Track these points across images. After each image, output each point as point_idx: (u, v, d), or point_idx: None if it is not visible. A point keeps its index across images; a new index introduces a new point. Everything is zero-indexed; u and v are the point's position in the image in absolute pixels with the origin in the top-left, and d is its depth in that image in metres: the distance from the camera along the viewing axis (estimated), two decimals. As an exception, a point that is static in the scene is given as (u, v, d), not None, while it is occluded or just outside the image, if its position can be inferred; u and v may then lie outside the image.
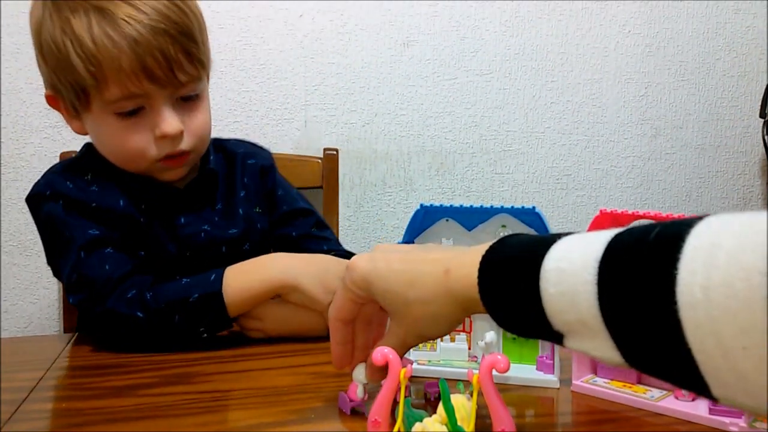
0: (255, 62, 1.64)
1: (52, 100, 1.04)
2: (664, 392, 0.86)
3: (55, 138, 1.56)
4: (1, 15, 1.52)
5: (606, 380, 0.90)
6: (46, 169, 1.55)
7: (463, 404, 0.71)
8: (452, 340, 0.97)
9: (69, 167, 1.08)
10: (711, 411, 0.80)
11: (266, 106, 1.66)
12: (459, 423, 0.68)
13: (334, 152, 1.63)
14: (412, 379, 0.89)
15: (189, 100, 1.02)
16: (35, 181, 1.57)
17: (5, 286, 1.58)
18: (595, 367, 0.92)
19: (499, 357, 0.67)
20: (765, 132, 1.84)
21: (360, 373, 0.80)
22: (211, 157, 1.14)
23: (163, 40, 0.94)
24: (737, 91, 1.91)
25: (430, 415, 0.70)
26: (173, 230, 1.08)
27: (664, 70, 1.87)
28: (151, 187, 1.07)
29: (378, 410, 0.71)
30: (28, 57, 1.53)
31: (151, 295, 0.95)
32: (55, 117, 1.56)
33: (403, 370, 0.71)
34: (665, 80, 1.87)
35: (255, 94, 1.65)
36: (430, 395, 0.86)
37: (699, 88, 1.89)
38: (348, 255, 1.23)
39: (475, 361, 0.94)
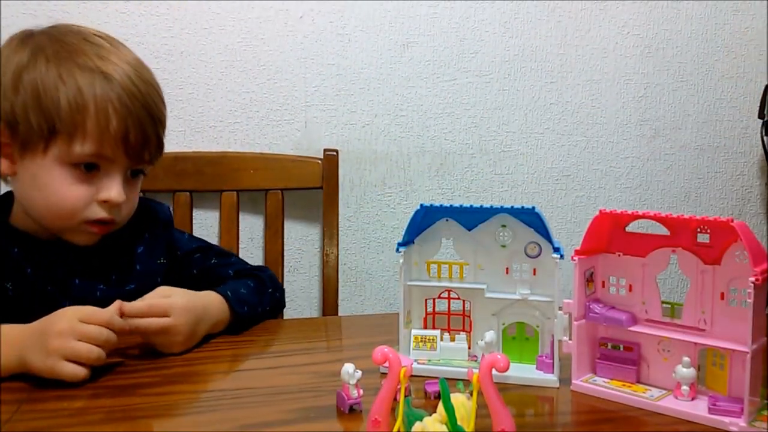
0: (255, 63, 1.64)
1: None
2: (664, 392, 0.87)
3: (56, 139, 1.56)
4: (1, 17, 1.52)
5: (605, 380, 0.90)
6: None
7: (462, 403, 0.71)
8: (452, 339, 0.97)
9: None
10: (710, 410, 0.81)
11: (266, 107, 1.66)
12: (459, 422, 0.68)
13: (334, 153, 1.63)
14: (412, 378, 0.89)
15: (135, 175, 1.07)
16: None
17: (5, 287, 1.58)
18: (595, 366, 0.92)
19: (498, 356, 0.67)
20: (763, 133, 1.84)
21: (346, 372, 0.81)
22: None
23: (147, 120, 1.02)
24: (736, 92, 1.91)
25: (430, 415, 0.70)
26: (68, 289, 1.06)
27: (663, 71, 1.87)
28: (50, 247, 1.06)
29: (378, 409, 0.71)
30: (28, 58, 1.54)
31: None
32: (56, 118, 1.56)
33: (402, 369, 0.71)
34: (664, 81, 1.87)
35: (255, 95, 1.65)
36: (429, 395, 0.87)
37: (698, 89, 1.89)
38: (256, 268, 1.28)
39: (475, 361, 0.95)
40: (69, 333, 0.89)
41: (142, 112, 1.01)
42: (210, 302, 1.07)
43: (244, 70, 1.64)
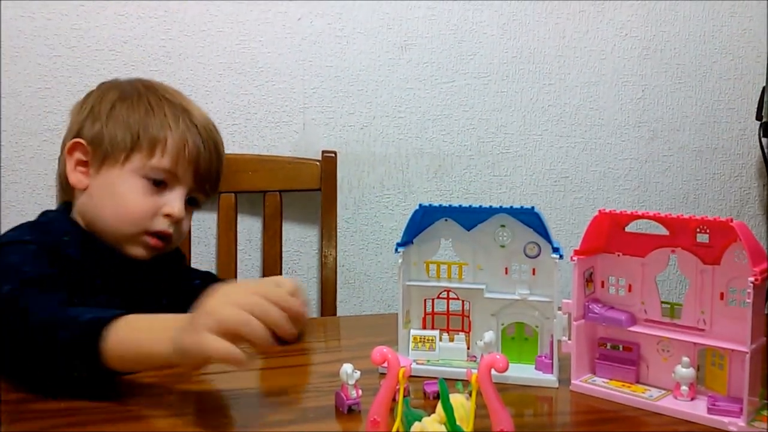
0: (253, 65, 1.64)
1: (76, 147, 1.15)
2: (663, 392, 0.87)
3: (54, 141, 1.56)
4: (1, 18, 1.52)
5: (605, 380, 0.90)
6: (45, 172, 1.56)
7: (462, 404, 0.71)
8: (451, 340, 0.97)
9: (36, 227, 1.12)
10: (710, 410, 0.81)
11: (264, 109, 1.66)
12: (458, 422, 0.68)
13: (333, 155, 1.63)
14: (411, 378, 0.89)
15: (191, 204, 1.18)
16: (34, 184, 1.57)
17: (4, 289, 1.58)
18: (594, 366, 0.92)
19: (497, 357, 0.67)
20: (761, 134, 1.84)
21: (344, 372, 0.81)
22: None
23: (215, 155, 1.18)
24: (734, 94, 1.92)
25: (429, 415, 0.70)
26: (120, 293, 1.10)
27: (661, 73, 1.87)
28: (110, 252, 1.12)
29: (377, 410, 0.71)
30: (27, 60, 1.54)
31: (61, 310, 0.88)
32: (55, 120, 1.56)
33: (401, 370, 0.71)
34: (662, 83, 1.87)
35: (253, 97, 1.65)
36: (428, 395, 0.86)
37: (696, 90, 1.90)
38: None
39: (474, 361, 0.95)
40: (220, 305, 0.79)
41: (212, 146, 1.18)
42: None
43: (242, 72, 1.64)
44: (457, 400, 0.71)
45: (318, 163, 1.62)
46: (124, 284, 1.11)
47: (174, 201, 1.12)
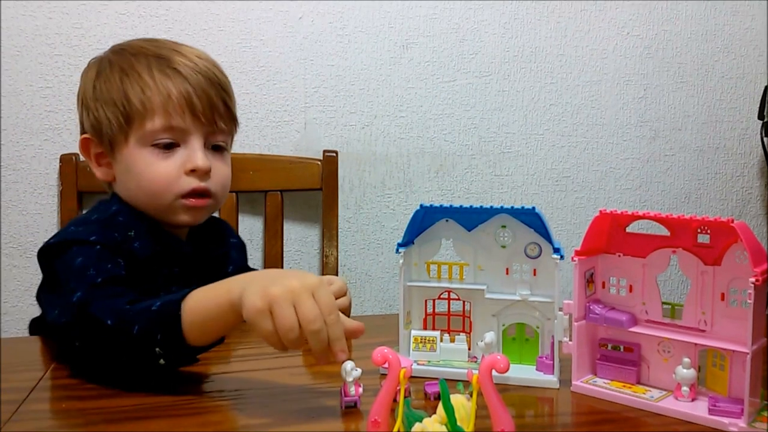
0: (255, 64, 1.64)
1: (86, 144, 1.11)
2: (664, 392, 0.87)
3: (55, 140, 1.56)
4: (2, 18, 1.52)
5: (606, 380, 0.90)
6: (45, 172, 1.56)
7: (462, 404, 0.71)
8: (452, 340, 0.97)
9: (102, 224, 1.06)
10: (710, 411, 0.81)
11: (266, 108, 1.66)
12: (459, 423, 0.68)
13: (334, 154, 1.63)
14: (412, 379, 0.89)
15: (217, 149, 1.12)
16: (35, 184, 1.57)
17: (5, 288, 1.58)
18: (595, 367, 0.92)
19: (498, 357, 0.67)
20: (763, 134, 1.84)
21: (343, 369, 0.81)
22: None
23: (209, 87, 1.08)
24: (736, 93, 1.91)
25: (430, 416, 0.70)
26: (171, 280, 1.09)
27: (662, 72, 1.87)
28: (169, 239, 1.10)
29: (378, 410, 0.71)
30: (28, 59, 1.54)
31: (130, 307, 0.89)
32: (56, 119, 1.56)
33: (402, 371, 0.71)
34: (664, 82, 1.87)
35: (255, 96, 1.65)
36: (429, 395, 0.86)
37: (697, 90, 1.89)
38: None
39: (475, 362, 0.95)
40: (291, 293, 0.78)
41: (201, 80, 1.08)
42: None
43: (243, 71, 1.64)
44: (457, 400, 0.71)
45: (319, 162, 1.62)
46: (192, 272, 1.09)
47: (193, 155, 1.06)
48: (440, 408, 0.69)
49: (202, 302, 0.84)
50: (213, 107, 1.08)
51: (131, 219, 1.06)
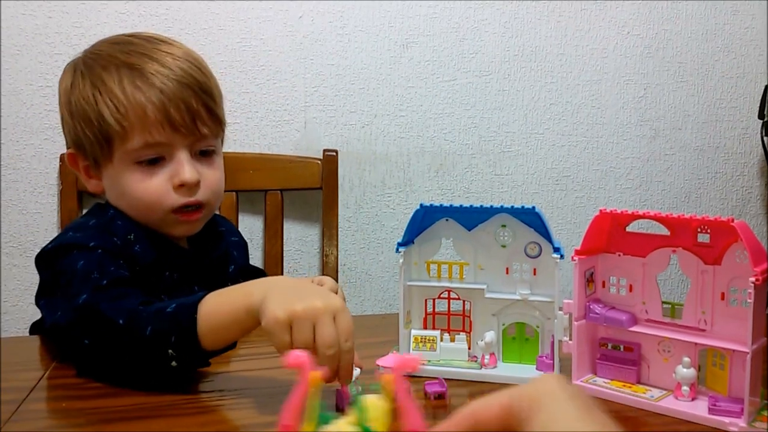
0: (255, 64, 1.64)
1: (73, 158, 1.09)
2: (664, 392, 0.87)
3: (55, 140, 1.56)
4: (2, 17, 1.52)
5: (606, 380, 0.90)
6: (45, 171, 1.56)
7: (376, 404, 0.70)
8: (452, 340, 0.97)
9: (101, 229, 1.04)
10: (711, 411, 0.81)
11: (266, 107, 1.66)
12: (371, 423, 0.67)
13: (334, 153, 1.63)
14: (412, 379, 0.89)
15: (205, 155, 1.07)
16: (35, 184, 1.57)
17: (5, 287, 1.58)
18: (595, 367, 0.92)
19: (409, 357, 0.65)
20: (764, 133, 1.84)
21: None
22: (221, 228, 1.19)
23: (187, 93, 1.01)
24: (736, 93, 1.91)
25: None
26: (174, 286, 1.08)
27: (663, 72, 1.87)
28: (170, 247, 1.08)
29: (288, 416, 0.69)
30: (28, 59, 1.54)
31: (143, 308, 0.88)
32: (56, 119, 1.55)
33: (313, 374, 0.70)
34: (664, 81, 1.87)
35: (254, 95, 1.65)
36: (430, 395, 0.86)
37: (698, 89, 1.89)
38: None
39: (475, 361, 0.95)
40: (314, 312, 0.78)
41: (177, 88, 1.01)
42: None
43: (243, 70, 1.64)
44: (372, 400, 0.70)
45: (319, 161, 1.62)
46: (193, 275, 1.08)
47: (179, 169, 1.01)
48: (354, 409, 0.69)
49: (218, 306, 0.84)
50: (194, 115, 1.02)
51: (130, 223, 1.04)
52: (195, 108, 1.02)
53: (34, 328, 1.18)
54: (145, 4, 1.57)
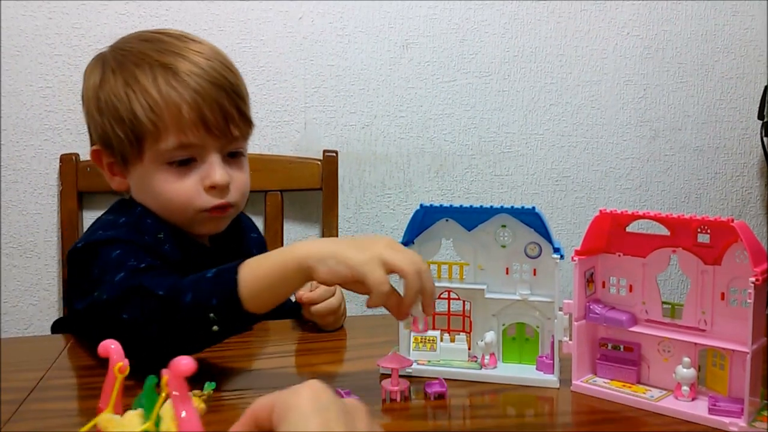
0: (255, 64, 1.64)
1: (97, 155, 1.08)
2: (664, 392, 0.87)
3: (55, 140, 1.56)
4: (2, 17, 1.52)
5: (606, 380, 0.90)
6: (45, 172, 1.56)
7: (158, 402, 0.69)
8: (452, 340, 0.97)
9: (131, 227, 1.03)
10: (711, 411, 0.81)
11: (266, 108, 1.66)
12: (156, 420, 0.67)
13: (334, 154, 1.63)
14: (413, 379, 0.89)
15: (234, 156, 1.07)
16: (35, 184, 1.57)
17: (5, 288, 1.58)
18: (595, 367, 0.92)
19: (183, 361, 0.64)
20: (764, 134, 1.84)
21: (416, 308, 0.83)
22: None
23: (220, 95, 1.02)
24: (736, 93, 1.91)
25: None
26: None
27: (662, 72, 1.87)
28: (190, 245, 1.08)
29: (103, 400, 0.70)
30: (28, 59, 1.54)
31: (183, 279, 0.89)
32: (56, 119, 1.56)
33: (118, 365, 0.70)
34: (664, 82, 1.87)
35: (255, 96, 1.64)
36: (430, 395, 0.86)
37: (698, 89, 1.89)
38: None
39: (475, 361, 0.95)
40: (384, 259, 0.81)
41: (213, 89, 1.01)
42: None
43: (243, 71, 1.62)
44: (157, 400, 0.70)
45: (319, 162, 1.62)
46: None
47: (211, 171, 1.02)
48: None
49: (260, 265, 0.84)
50: (227, 117, 1.02)
51: (158, 221, 1.05)
52: (228, 109, 1.03)
53: (57, 325, 1.17)
54: (145, 4, 1.57)
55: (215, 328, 0.84)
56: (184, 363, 0.62)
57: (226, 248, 1.14)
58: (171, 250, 1.03)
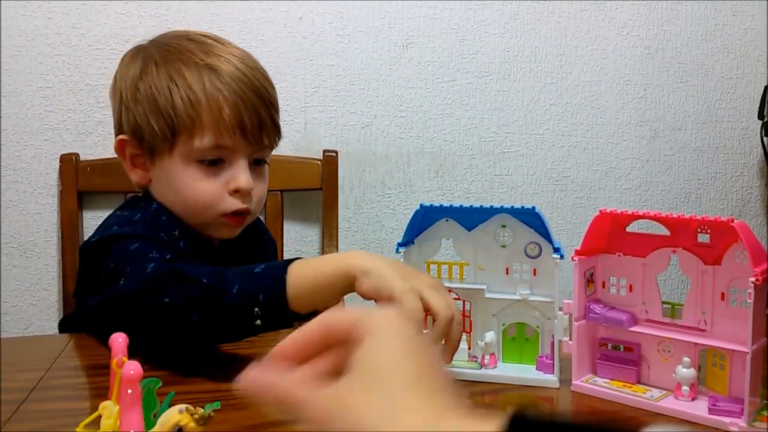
0: (254, 64, 1.64)
1: (122, 145, 1.08)
2: (664, 392, 0.87)
3: (55, 140, 1.56)
4: (2, 17, 1.52)
5: (606, 380, 0.90)
6: (45, 172, 1.56)
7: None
8: (452, 340, 0.97)
9: (147, 223, 1.03)
10: (711, 411, 0.81)
11: (266, 108, 1.66)
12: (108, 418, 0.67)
13: (334, 154, 1.63)
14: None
15: (258, 164, 1.10)
16: (35, 184, 1.57)
17: (5, 288, 1.58)
18: (595, 367, 0.92)
19: (132, 366, 0.64)
20: (763, 134, 1.84)
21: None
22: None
23: (258, 103, 1.05)
24: (736, 93, 1.92)
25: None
26: None
27: (662, 72, 1.87)
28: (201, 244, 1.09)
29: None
30: (28, 59, 1.54)
31: (226, 270, 0.89)
32: (56, 119, 1.56)
33: (114, 360, 0.70)
34: (664, 82, 1.87)
35: (254, 96, 1.65)
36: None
37: (697, 89, 1.89)
38: None
39: (475, 361, 0.95)
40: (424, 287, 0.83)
41: (253, 96, 1.04)
42: None
43: (243, 71, 1.63)
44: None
45: (319, 162, 1.62)
46: None
47: (238, 175, 1.04)
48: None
49: (311, 267, 0.86)
50: (262, 125, 1.05)
51: (174, 219, 1.05)
52: (264, 117, 1.05)
53: (64, 324, 1.17)
54: (145, 4, 1.57)
55: (258, 322, 0.86)
56: (131, 367, 0.63)
57: (235, 250, 1.14)
58: (184, 247, 1.04)
